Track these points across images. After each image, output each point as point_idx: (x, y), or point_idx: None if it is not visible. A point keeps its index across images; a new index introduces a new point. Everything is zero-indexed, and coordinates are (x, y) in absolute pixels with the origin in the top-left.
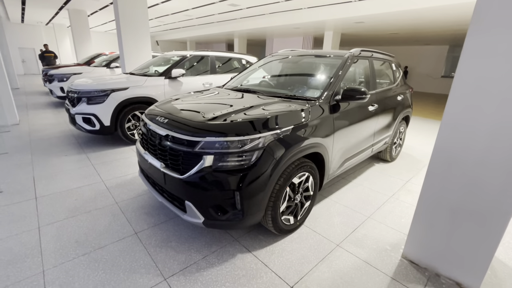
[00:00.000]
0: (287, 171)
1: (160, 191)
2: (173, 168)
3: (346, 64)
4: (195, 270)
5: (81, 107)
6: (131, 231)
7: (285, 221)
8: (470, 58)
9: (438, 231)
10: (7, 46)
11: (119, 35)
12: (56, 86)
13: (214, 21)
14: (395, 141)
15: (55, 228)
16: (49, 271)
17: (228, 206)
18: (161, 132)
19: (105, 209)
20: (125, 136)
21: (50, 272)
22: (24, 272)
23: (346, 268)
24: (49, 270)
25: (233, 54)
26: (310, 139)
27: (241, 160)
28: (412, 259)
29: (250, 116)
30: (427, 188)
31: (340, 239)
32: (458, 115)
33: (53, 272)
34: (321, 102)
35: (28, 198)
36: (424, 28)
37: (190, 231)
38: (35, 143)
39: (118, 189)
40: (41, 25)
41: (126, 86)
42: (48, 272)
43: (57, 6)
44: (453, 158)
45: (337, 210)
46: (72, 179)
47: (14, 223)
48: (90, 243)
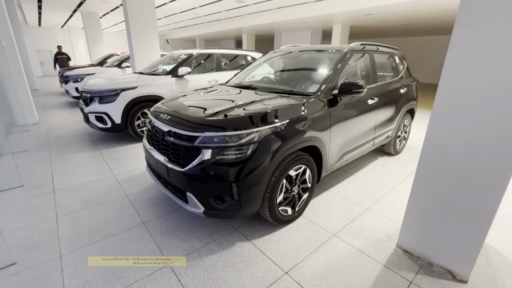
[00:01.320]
0: (283, 164)
1: (164, 183)
2: (175, 161)
3: (345, 58)
4: (196, 256)
5: (93, 106)
6: (139, 221)
7: (282, 211)
8: (458, 50)
9: (430, 221)
10: (25, 49)
11: (129, 35)
12: (72, 86)
13: (222, 18)
14: (399, 134)
15: (70, 218)
16: (66, 256)
17: (226, 197)
18: (164, 128)
19: (116, 201)
20: (135, 133)
21: (66, 257)
22: (44, 256)
23: (340, 256)
24: (65, 255)
25: (238, 51)
26: (306, 132)
27: (238, 153)
28: (406, 248)
29: (246, 111)
30: (419, 178)
31: (336, 230)
32: (446, 107)
33: (69, 256)
34: (318, 96)
35: (46, 191)
36: (437, 17)
37: (193, 221)
38: (52, 141)
39: (128, 183)
40: (57, 28)
41: (135, 85)
42: (65, 256)
43: (71, 9)
44: (443, 149)
45: (337, 202)
46: (86, 174)
47: (35, 213)
48: (102, 232)
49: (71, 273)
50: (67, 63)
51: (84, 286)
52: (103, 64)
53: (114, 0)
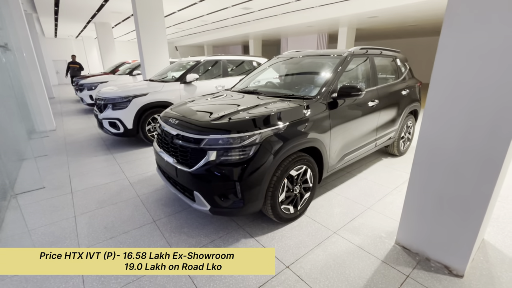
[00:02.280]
0: (284, 164)
1: (173, 183)
2: (183, 162)
3: (345, 62)
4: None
5: (107, 112)
6: (150, 219)
7: (284, 210)
8: (446, 52)
9: (426, 217)
10: (43, 60)
11: (140, 44)
12: (86, 94)
13: (229, 25)
14: (402, 136)
15: (87, 217)
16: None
17: (230, 195)
18: (172, 132)
19: (128, 201)
20: (146, 138)
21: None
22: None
23: (340, 252)
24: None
25: (244, 57)
26: (306, 134)
27: (241, 154)
28: (404, 244)
29: (248, 115)
30: (415, 175)
31: (337, 227)
32: (437, 106)
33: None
34: (318, 99)
35: (65, 192)
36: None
37: (200, 219)
38: (69, 146)
39: (140, 184)
40: (71, 38)
41: (146, 92)
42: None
43: (85, 20)
44: (435, 146)
45: (339, 201)
46: (101, 176)
47: (55, 212)
48: (116, 229)
49: None
50: (78, 73)
51: (100, 277)
52: (115, 72)
53: (125, 11)
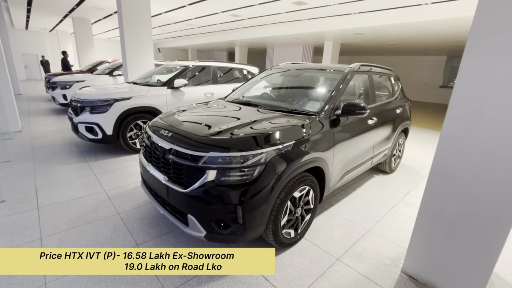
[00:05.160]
0: (288, 186)
1: (162, 203)
2: (176, 181)
3: (346, 79)
4: (196, 284)
5: (84, 116)
6: (132, 243)
7: (285, 234)
8: (467, 77)
9: (437, 246)
10: (10, 52)
11: (123, 44)
12: (59, 93)
13: (216, 30)
14: (394, 153)
15: (57, 239)
16: (52, 284)
17: (230, 220)
18: (165, 146)
19: (106, 219)
20: (127, 145)
21: (52, 285)
22: (27, 285)
23: (346, 283)
24: (51, 283)
25: (234, 65)
26: (311, 153)
27: (244, 175)
28: (411, 274)
29: (252, 131)
30: (427, 202)
31: (340, 253)
32: (455, 132)
33: (56, 284)
34: (321, 117)
35: (30, 208)
36: (423, 39)
37: (191, 243)
38: (37, 150)
39: (120, 199)
40: (44, 31)
41: (129, 96)
42: (50, 284)
43: (61, 14)
44: (451, 173)
45: (337, 222)
46: (74, 188)
47: (16, 233)
48: None
49: None
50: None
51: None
52: (93, 71)
53: (108, 7)
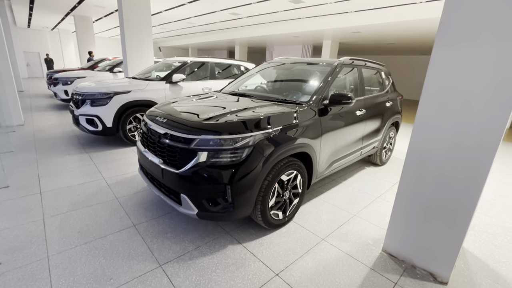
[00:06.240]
0: (276, 168)
1: (158, 185)
2: (171, 163)
3: (335, 71)
4: (188, 258)
5: (85, 108)
6: (129, 224)
7: (274, 215)
8: (437, 67)
9: (413, 226)
10: (13, 50)
11: (123, 41)
12: (61, 89)
13: (215, 29)
14: (385, 146)
15: (58, 220)
16: (53, 257)
17: (220, 199)
18: (160, 131)
19: (105, 203)
20: (126, 137)
21: (54, 258)
22: (30, 257)
23: (329, 259)
24: (53, 256)
25: (232, 61)
26: (298, 139)
27: (233, 156)
28: (391, 252)
29: (242, 117)
30: (403, 185)
31: (325, 234)
32: (427, 118)
33: (57, 257)
34: (310, 105)
35: (33, 192)
36: (419, 38)
37: (185, 224)
38: (39, 142)
39: (118, 186)
40: (46, 30)
41: (129, 90)
42: (52, 257)
43: (63, 12)
44: (424, 157)
45: (325, 208)
46: (75, 176)
47: (20, 214)
48: (92, 233)
49: (59, 273)
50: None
51: (73, 287)
52: (94, 69)
53: (109, 6)
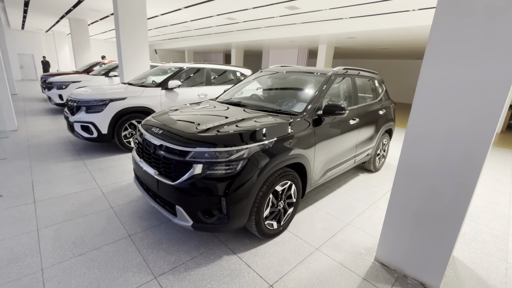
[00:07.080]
0: (270, 179)
1: (153, 196)
2: (166, 175)
3: (329, 81)
4: (183, 269)
5: (80, 115)
6: (125, 234)
7: (268, 225)
8: (426, 82)
9: (405, 235)
10: (6, 52)
11: (119, 46)
12: (55, 93)
13: (212, 33)
14: (378, 153)
15: (53, 230)
16: (48, 270)
17: (215, 211)
18: (155, 142)
19: (100, 213)
20: (122, 144)
21: (48, 270)
22: (24, 270)
23: (323, 269)
24: (47, 269)
25: (228, 67)
26: (293, 150)
27: (228, 168)
28: (383, 261)
29: (237, 129)
30: (395, 195)
31: (319, 243)
32: (417, 130)
33: (52, 270)
34: (304, 116)
35: (27, 202)
36: (413, 44)
37: (180, 235)
38: (33, 149)
39: (114, 195)
40: (41, 32)
41: (124, 96)
42: (47, 270)
43: (58, 15)
44: (414, 168)
45: (320, 216)
46: (70, 184)
47: (14, 225)
48: (86, 244)
49: (54, 287)
50: None
51: None
52: (89, 72)
53: (104, 9)
